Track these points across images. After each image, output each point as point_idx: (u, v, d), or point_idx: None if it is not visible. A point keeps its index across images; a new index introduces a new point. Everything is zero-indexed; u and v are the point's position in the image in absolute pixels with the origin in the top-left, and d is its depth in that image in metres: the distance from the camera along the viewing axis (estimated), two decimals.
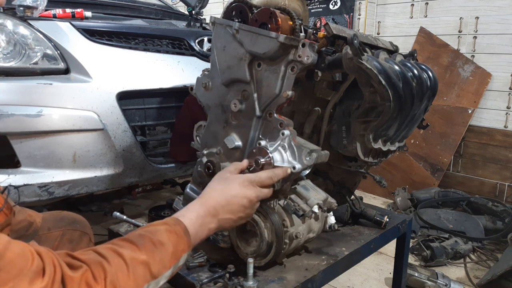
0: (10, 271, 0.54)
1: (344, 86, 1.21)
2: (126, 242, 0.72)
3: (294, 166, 1.01)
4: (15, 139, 1.42)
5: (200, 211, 0.87)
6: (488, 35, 3.10)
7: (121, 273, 0.66)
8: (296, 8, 1.70)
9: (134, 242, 0.72)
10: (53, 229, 1.15)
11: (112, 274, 0.65)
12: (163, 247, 0.74)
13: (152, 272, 0.71)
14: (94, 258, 0.66)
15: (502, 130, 3.10)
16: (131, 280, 0.67)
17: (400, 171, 3.48)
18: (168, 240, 0.76)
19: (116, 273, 0.65)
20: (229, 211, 0.91)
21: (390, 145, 1.22)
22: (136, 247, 0.71)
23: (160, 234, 0.76)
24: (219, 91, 1.20)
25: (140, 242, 0.72)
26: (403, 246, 1.53)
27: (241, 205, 0.92)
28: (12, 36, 1.49)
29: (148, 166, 1.71)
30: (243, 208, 0.93)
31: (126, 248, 0.70)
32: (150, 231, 0.76)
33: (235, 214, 0.92)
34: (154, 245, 0.73)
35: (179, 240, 0.78)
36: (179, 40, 1.92)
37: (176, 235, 0.78)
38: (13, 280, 0.54)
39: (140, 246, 0.71)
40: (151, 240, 0.74)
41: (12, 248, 0.56)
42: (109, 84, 1.59)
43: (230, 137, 1.16)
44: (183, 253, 0.79)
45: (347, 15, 3.81)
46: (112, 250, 0.69)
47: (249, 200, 0.93)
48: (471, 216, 2.81)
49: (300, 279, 1.06)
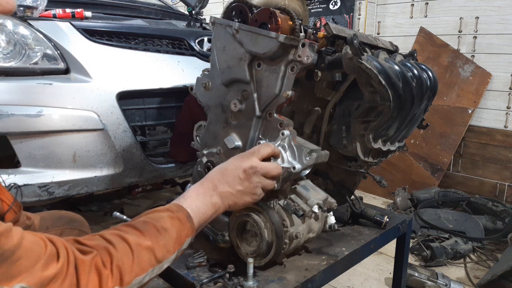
0: (29, 258, 0.59)
1: (344, 86, 1.21)
2: (131, 228, 0.74)
3: (294, 166, 1.01)
4: (15, 139, 1.42)
5: (200, 188, 0.90)
6: (488, 35, 3.10)
7: (127, 258, 0.68)
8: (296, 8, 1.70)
9: (139, 228, 0.74)
10: (51, 228, 1.15)
11: (118, 259, 0.67)
12: (166, 233, 0.77)
13: (157, 257, 0.73)
14: (101, 243, 0.69)
15: (502, 130, 3.10)
16: (136, 265, 0.69)
17: (400, 171, 3.48)
18: (172, 226, 0.78)
19: (122, 258, 0.68)
20: (225, 182, 0.92)
21: (390, 145, 1.22)
22: (140, 233, 0.73)
23: (164, 221, 0.78)
24: (219, 91, 1.20)
25: (144, 228, 0.75)
26: (403, 246, 1.53)
27: (237, 176, 0.93)
28: (12, 36, 1.49)
29: (148, 166, 1.71)
30: (239, 179, 0.93)
31: (131, 234, 0.72)
32: (154, 218, 0.79)
33: (232, 187, 0.93)
34: (158, 231, 0.75)
35: (182, 226, 0.81)
36: (179, 40, 1.92)
37: (179, 221, 0.81)
38: (34, 266, 0.58)
39: (144, 232, 0.74)
40: (154, 226, 0.76)
41: (27, 237, 0.60)
42: (109, 84, 1.59)
43: (230, 137, 1.16)
44: (187, 238, 0.81)
45: (347, 15, 3.81)
46: (118, 236, 0.71)
47: (244, 171, 0.94)
48: (471, 216, 2.81)
49: (300, 279, 1.06)
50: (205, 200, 0.89)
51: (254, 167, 0.95)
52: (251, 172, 0.94)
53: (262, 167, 0.96)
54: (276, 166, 0.99)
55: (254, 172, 0.95)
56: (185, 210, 0.84)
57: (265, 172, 0.97)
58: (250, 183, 0.95)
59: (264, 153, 0.99)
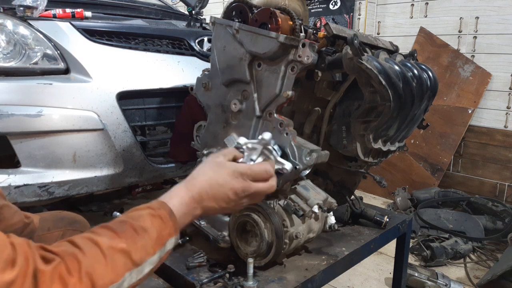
0: None
1: (344, 86, 1.21)
2: (105, 229, 0.69)
3: (295, 166, 1.01)
4: (15, 139, 1.42)
5: (185, 197, 0.83)
6: (488, 35, 3.10)
7: (98, 263, 0.63)
8: (296, 8, 1.70)
9: (114, 229, 0.69)
10: (53, 229, 1.15)
11: (87, 265, 0.62)
12: (145, 233, 0.71)
13: (133, 259, 0.68)
14: (68, 249, 0.63)
15: (502, 130, 3.10)
16: (109, 269, 0.64)
17: (400, 171, 3.48)
18: (152, 225, 0.73)
19: (92, 264, 0.63)
20: (213, 199, 0.86)
21: (390, 145, 1.22)
22: (115, 234, 0.68)
23: (143, 220, 0.73)
24: (219, 91, 1.20)
25: (120, 229, 0.69)
26: (403, 246, 1.53)
27: (226, 195, 0.87)
28: (12, 36, 1.49)
29: (148, 166, 1.71)
30: (227, 199, 0.88)
31: (103, 236, 0.67)
32: (133, 217, 0.74)
33: (218, 204, 0.87)
34: (135, 231, 0.70)
35: (163, 225, 0.75)
36: (179, 40, 1.92)
37: (160, 219, 0.75)
38: None
39: (120, 233, 0.68)
40: (132, 226, 0.71)
41: None
42: (109, 84, 1.58)
43: (230, 137, 1.16)
44: (169, 237, 0.75)
45: (347, 15, 3.81)
46: (88, 239, 0.66)
47: (235, 193, 0.88)
48: (471, 216, 2.81)
49: (300, 279, 1.06)
50: (187, 211, 0.82)
51: (246, 190, 0.88)
52: (242, 195, 0.88)
53: (255, 190, 0.89)
54: (270, 187, 0.91)
55: (246, 196, 0.89)
56: (168, 207, 0.78)
57: (258, 193, 0.91)
58: (237, 204, 0.90)
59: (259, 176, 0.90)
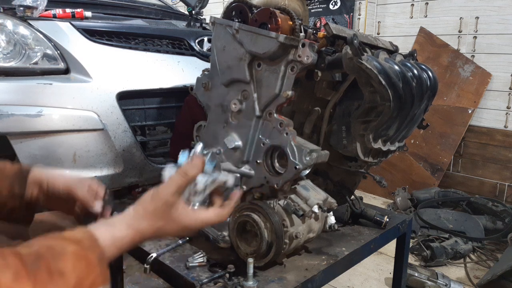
0: None
1: (344, 86, 1.21)
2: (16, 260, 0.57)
3: (295, 166, 1.01)
4: (15, 139, 1.42)
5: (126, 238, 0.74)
6: (488, 35, 3.10)
7: None
8: (296, 8, 1.70)
9: (25, 263, 0.57)
10: None
11: None
12: (61, 279, 0.59)
13: None
14: None
15: (502, 130, 3.10)
16: None
17: (400, 171, 3.48)
18: (72, 269, 0.61)
19: None
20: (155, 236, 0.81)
21: (390, 145, 1.22)
22: (24, 271, 0.56)
23: (64, 260, 0.61)
24: (219, 91, 1.20)
25: (32, 267, 0.57)
26: (403, 246, 1.53)
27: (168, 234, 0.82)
28: (12, 36, 1.49)
29: (148, 166, 1.71)
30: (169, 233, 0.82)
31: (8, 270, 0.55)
32: (54, 252, 0.61)
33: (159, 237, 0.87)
34: (49, 274, 0.58)
35: (87, 271, 0.63)
36: (179, 40, 1.92)
37: (85, 263, 0.63)
38: None
39: (29, 272, 0.56)
40: (47, 266, 0.59)
41: None
42: (109, 84, 1.58)
43: (230, 137, 1.16)
44: (93, 287, 0.63)
45: (347, 15, 3.81)
46: None
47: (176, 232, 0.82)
48: (471, 216, 2.81)
49: (300, 279, 1.06)
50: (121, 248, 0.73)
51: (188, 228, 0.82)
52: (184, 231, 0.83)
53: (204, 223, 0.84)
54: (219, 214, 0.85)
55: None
56: (99, 248, 0.67)
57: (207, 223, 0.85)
58: None
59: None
